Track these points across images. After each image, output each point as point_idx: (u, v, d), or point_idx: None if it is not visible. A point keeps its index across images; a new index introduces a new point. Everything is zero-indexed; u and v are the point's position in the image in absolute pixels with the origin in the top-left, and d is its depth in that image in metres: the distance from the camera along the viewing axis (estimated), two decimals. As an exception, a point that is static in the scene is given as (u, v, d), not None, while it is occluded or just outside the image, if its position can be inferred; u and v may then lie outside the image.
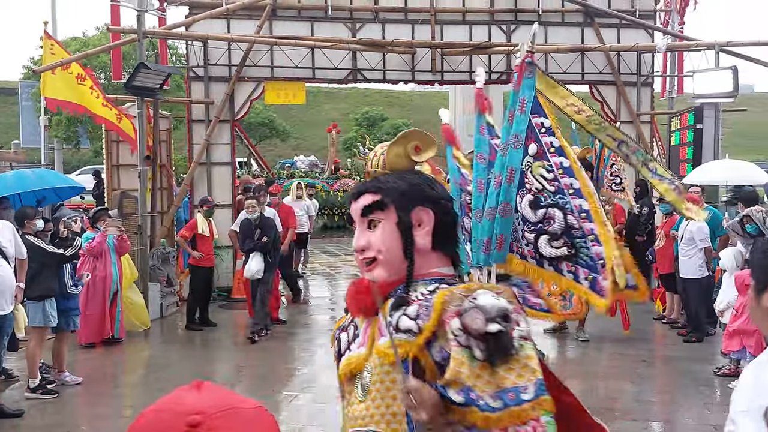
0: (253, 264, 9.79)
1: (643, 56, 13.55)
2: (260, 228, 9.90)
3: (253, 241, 9.85)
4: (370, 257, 2.10)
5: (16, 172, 10.13)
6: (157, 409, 1.16)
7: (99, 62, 24.28)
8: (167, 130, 12.98)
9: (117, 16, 12.20)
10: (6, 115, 43.06)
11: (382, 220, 2.10)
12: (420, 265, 2.08)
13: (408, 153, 2.19)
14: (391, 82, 14.02)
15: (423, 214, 2.09)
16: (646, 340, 10.00)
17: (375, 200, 2.11)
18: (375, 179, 2.17)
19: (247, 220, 10.03)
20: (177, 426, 1.09)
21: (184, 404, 1.14)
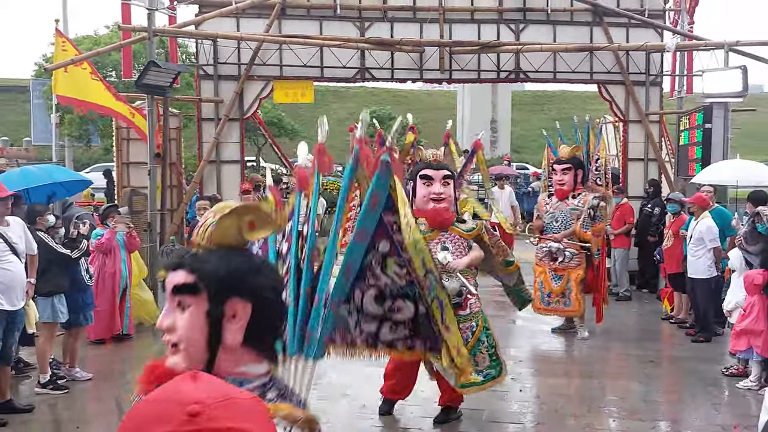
0: None
1: (652, 55, 13.53)
2: None
3: None
4: (173, 341, 1.82)
5: (21, 169, 10.20)
6: (155, 399, 1.18)
7: (110, 60, 24.37)
8: (177, 128, 13.04)
9: (128, 15, 12.26)
10: (17, 112, 43.23)
11: (191, 304, 1.80)
12: (225, 361, 1.79)
13: (240, 228, 1.89)
14: (399, 81, 14.05)
15: (239, 307, 1.80)
16: (654, 340, 10.00)
17: (188, 282, 1.81)
18: (195, 256, 1.85)
19: None
20: (176, 415, 1.10)
21: (181, 393, 1.15)
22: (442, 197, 6.26)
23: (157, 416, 1.12)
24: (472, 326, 6.43)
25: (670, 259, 10.46)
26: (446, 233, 6.33)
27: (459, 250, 6.32)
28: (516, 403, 7.23)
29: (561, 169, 9.65)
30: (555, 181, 9.77)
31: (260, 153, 35.44)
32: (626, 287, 12.48)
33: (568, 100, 50.65)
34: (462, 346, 2.39)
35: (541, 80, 14.27)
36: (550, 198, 9.87)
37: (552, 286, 9.68)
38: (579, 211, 9.50)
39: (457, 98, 44.17)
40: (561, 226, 9.58)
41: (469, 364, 2.45)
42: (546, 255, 9.71)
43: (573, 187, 9.65)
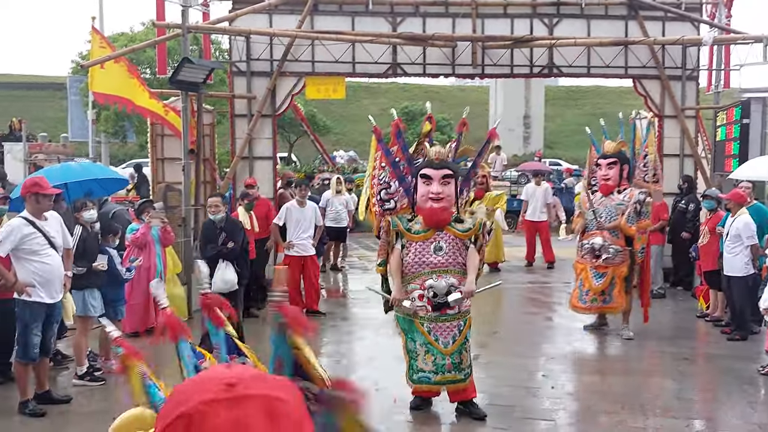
0: (227, 274, 8.58)
1: (689, 49, 13.34)
2: (225, 231, 8.66)
3: (216, 246, 8.61)
4: None
5: (62, 165, 10.37)
6: (196, 377, 1.30)
7: (145, 57, 24.64)
8: (211, 124, 13.16)
9: (162, 12, 12.38)
10: (54, 109, 43.89)
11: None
12: None
13: None
14: (431, 76, 14.02)
15: None
16: (689, 338, 9.88)
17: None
18: None
19: (210, 222, 8.84)
20: (215, 386, 1.20)
21: (219, 372, 1.26)
22: (441, 197, 6.34)
23: (198, 389, 1.21)
24: (459, 325, 6.49)
25: (706, 256, 10.32)
26: (441, 233, 6.42)
27: (453, 249, 6.41)
28: (548, 400, 7.20)
29: (606, 164, 9.46)
30: (600, 176, 9.57)
31: (292, 149, 35.60)
32: (660, 284, 12.33)
33: (602, 95, 50.12)
34: None
35: (575, 75, 14.15)
36: (594, 194, 9.67)
37: (593, 284, 9.43)
38: (625, 206, 9.29)
39: (489, 93, 43.93)
40: (605, 222, 9.38)
41: None
42: (588, 252, 9.47)
43: (618, 183, 9.46)
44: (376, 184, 7.05)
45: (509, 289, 13.39)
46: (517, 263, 15.89)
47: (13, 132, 23.46)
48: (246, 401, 1.19)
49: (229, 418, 1.17)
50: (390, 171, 6.92)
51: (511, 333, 10.03)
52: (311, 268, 10.85)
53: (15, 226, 6.66)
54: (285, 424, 1.20)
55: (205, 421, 1.17)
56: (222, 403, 1.18)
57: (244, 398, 1.19)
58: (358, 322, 10.56)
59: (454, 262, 6.42)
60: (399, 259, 6.54)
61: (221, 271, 8.48)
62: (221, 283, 8.39)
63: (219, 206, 8.80)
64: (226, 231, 8.64)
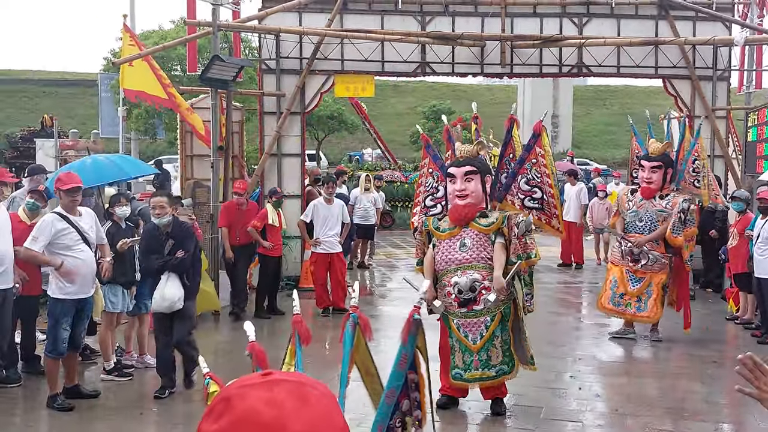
0: (167, 290, 7.01)
1: (720, 50, 13.19)
2: (173, 238, 7.15)
3: (162, 257, 7.09)
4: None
5: (92, 159, 10.46)
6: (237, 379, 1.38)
7: (176, 55, 24.87)
8: (239, 121, 13.26)
9: (193, 10, 12.50)
10: (85, 106, 44.44)
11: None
12: None
13: None
14: (460, 76, 14.00)
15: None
16: (718, 341, 9.79)
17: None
18: None
19: (154, 227, 7.23)
20: (254, 376, 1.31)
21: (255, 373, 1.36)
22: (465, 193, 6.45)
23: (240, 380, 1.32)
24: (486, 321, 6.45)
25: (736, 258, 10.21)
26: (467, 229, 6.48)
27: (477, 245, 6.45)
28: (575, 401, 7.17)
29: (650, 167, 9.13)
30: (642, 178, 9.27)
31: (320, 146, 35.70)
32: (690, 286, 12.21)
33: (632, 95, 49.74)
34: None
35: (604, 75, 14.06)
36: (634, 195, 9.37)
37: (628, 288, 9.21)
38: (667, 213, 9.00)
39: (517, 93, 43.78)
40: (645, 226, 9.13)
41: None
42: (628, 254, 9.24)
43: (661, 187, 9.18)
44: (422, 191, 7.15)
45: (538, 289, 13.30)
46: (546, 263, 15.82)
47: (45, 128, 23.81)
48: (279, 384, 1.29)
49: (261, 396, 1.27)
50: (439, 175, 7.02)
51: (538, 333, 9.96)
52: (338, 266, 10.88)
53: (48, 221, 6.77)
54: (315, 407, 1.28)
55: (241, 400, 1.27)
56: (256, 386, 1.29)
57: (278, 382, 1.29)
58: (385, 320, 10.58)
59: (478, 257, 6.44)
60: (431, 259, 6.62)
61: (163, 285, 7.02)
62: (161, 300, 7.01)
63: (165, 207, 7.13)
64: (174, 237, 7.14)
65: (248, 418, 1.26)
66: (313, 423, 1.27)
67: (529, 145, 7.03)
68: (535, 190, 6.97)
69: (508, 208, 6.86)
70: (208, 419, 1.30)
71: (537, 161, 6.91)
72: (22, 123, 35.01)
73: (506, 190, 6.99)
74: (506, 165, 7.14)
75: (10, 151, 27.00)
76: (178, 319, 7.12)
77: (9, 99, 46.51)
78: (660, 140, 9.88)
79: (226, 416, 1.27)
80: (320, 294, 10.89)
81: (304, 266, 12.33)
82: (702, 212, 12.19)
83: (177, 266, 7.05)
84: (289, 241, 12.00)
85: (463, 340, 6.46)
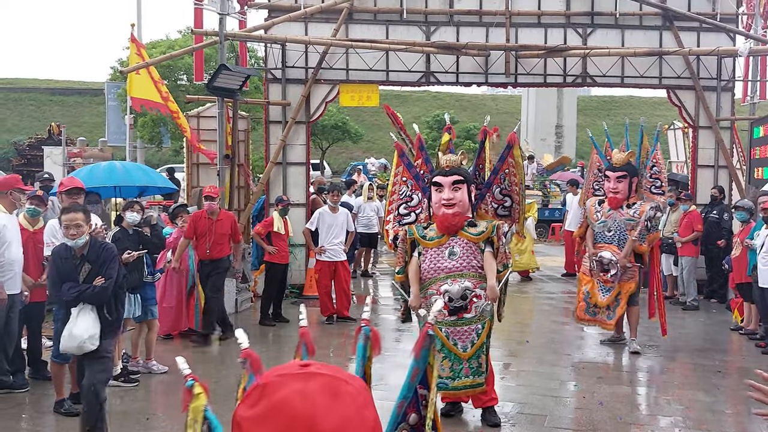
0: (78, 326, 5.76)
1: (724, 60, 13.25)
2: (90, 262, 5.86)
3: (77, 285, 5.82)
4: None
5: (108, 164, 10.58)
6: (276, 366, 1.44)
7: (183, 63, 25.00)
8: (245, 130, 13.32)
9: (200, 19, 12.58)
10: (91, 114, 44.69)
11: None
12: None
13: None
14: (464, 85, 14.06)
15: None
16: (722, 351, 9.79)
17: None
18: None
19: (65, 249, 5.91)
20: (292, 366, 1.37)
21: (295, 361, 1.44)
22: (452, 202, 6.47)
23: (277, 369, 1.39)
24: (477, 329, 6.49)
25: (739, 268, 10.22)
26: (455, 237, 6.51)
27: (467, 253, 6.49)
28: (578, 410, 7.19)
29: (615, 177, 9.21)
30: (608, 189, 9.31)
31: (324, 156, 35.78)
32: (694, 296, 12.24)
33: (636, 105, 49.79)
34: None
35: (608, 85, 14.11)
36: (601, 205, 9.43)
37: (599, 298, 9.29)
38: (635, 222, 9.08)
39: (521, 102, 43.84)
40: (614, 236, 9.20)
41: None
42: (597, 265, 9.30)
43: (627, 196, 9.25)
44: (395, 199, 7.15)
45: (541, 298, 13.38)
46: (549, 272, 15.85)
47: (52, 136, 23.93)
48: (314, 377, 1.34)
49: (296, 388, 1.31)
50: (413, 183, 7.03)
51: (542, 342, 10.02)
52: (342, 274, 10.92)
53: (57, 227, 6.83)
54: (346, 403, 1.32)
55: (276, 389, 1.32)
56: (293, 377, 1.34)
57: (313, 375, 1.34)
58: (388, 328, 10.60)
59: (468, 265, 6.48)
60: (416, 267, 6.62)
61: (73, 320, 5.79)
62: (68, 338, 5.76)
63: (81, 226, 5.79)
64: (91, 262, 5.86)
65: (281, 408, 1.30)
66: (344, 419, 1.31)
67: (503, 156, 7.07)
68: (506, 198, 7.07)
69: (481, 217, 6.91)
70: (245, 404, 1.35)
71: (509, 171, 6.97)
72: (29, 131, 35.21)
73: (480, 199, 7.04)
74: (477, 176, 7.18)
75: (18, 159, 27.12)
76: (91, 362, 5.85)
77: (17, 107, 46.78)
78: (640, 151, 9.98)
79: (261, 403, 1.32)
80: (324, 302, 10.93)
81: (309, 274, 12.38)
82: (706, 222, 12.23)
83: (94, 296, 5.79)
84: (293, 249, 12.04)
85: (452, 348, 6.46)
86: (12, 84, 50.30)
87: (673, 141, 19.35)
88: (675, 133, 18.91)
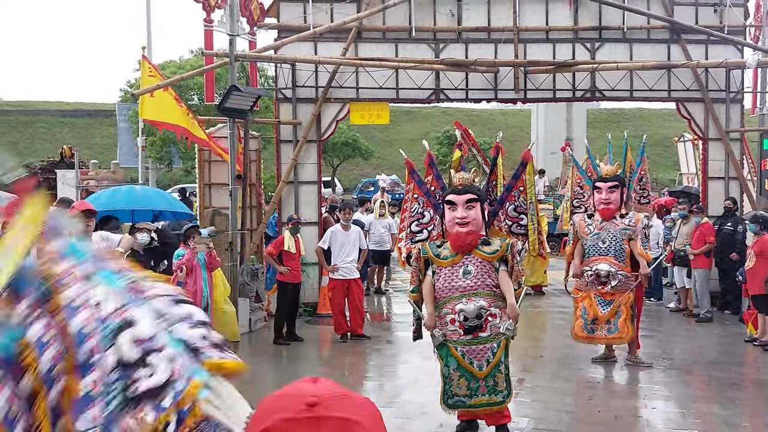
0: None
1: (733, 72, 13.27)
2: None
3: None
4: None
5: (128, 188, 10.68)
6: (279, 394, 1.34)
7: (194, 84, 25.19)
8: (257, 150, 13.41)
9: (210, 41, 12.71)
10: (102, 135, 44.99)
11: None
12: None
13: None
14: (473, 102, 14.12)
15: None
16: (737, 363, 9.75)
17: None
18: None
19: None
20: (296, 405, 1.26)
21: (302, 390, 1.31)
22: (466, 221, 6.44)
23: (280, 407, 1.28)
24: (493, 347, 6.44)
25: (754, 279, 10.20)
26: (470, 256, 6.49)
27: (482, 272, 6.46)
28: (594, 425, 7.18)
29: (607, 188, 9.13)
30: (599, 200, 9.20)
31: (335, 173, 35.90)
32: (707, 308, 12.20)
33: (645, 118, 49.73)
34: None
35: (617, 99, 14.17)
36: (591, 218, 9.34)
37: (599, 313, 9.12)
38: (631, 232, 9.00)
39: (531, 117, 43.86)
40: (609, 247, 9.07)
41: None
42: (593, 279, 9.14)
43: (619, 207, 9.21)
44: (407, 217, 7.18)
45: (554, 313, 13.36)
46: (562, 287, 15.81)
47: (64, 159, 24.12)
48: (324, 422, 1.24)
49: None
50: (424, 201, 7.07)
51: (556, 357, 10.00)
52: (356, 292, 10.95)
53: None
54: None
55: None
56: (302, 422, 1.24)
57: (323, 419, 1.24)
58: (402, 346, 10.62)
59: (482, 284, 6.46)
60: (431, 286, 6.60)
61: None
62: None
63: None
64: None
65: None
66: None
67: (517, 173, 7.09)
68: (522, 216, 7.07)
69: (494, 234, 6.92)
70: None
71: (524, 189, 6.99)
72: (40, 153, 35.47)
73: (494, 216, 7.05)
74: (490, 192, 7.20)
75: (30, 182, 27.29)
76: None
77: (27, 130, 47.15)
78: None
79: None
80: (338, 320, 10.96)
81: (322, 292, 12.41)
82: (720, 234, 12.20)
83: None
84: (306, 267, 12.08)
85: (468, 367, 6.44)
86: (23, 107, 50.72)
87: (683, 153, 19.35)
88: (685, 145, 18.91)
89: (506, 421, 6.69)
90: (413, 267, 6.81)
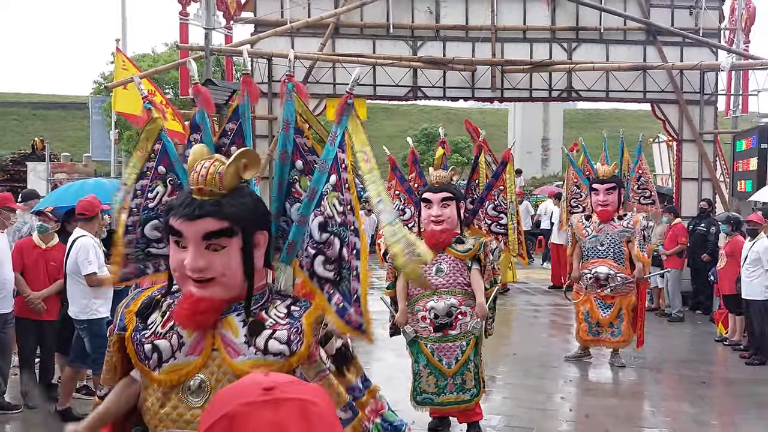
0: None
1: (707, 74, 13.40)
2: None
3: None
4: (208, 277, 2.32)
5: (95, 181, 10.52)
6: (233, 385, 1.39)
7: (169, 78, 24.96)
8: (231, 144, 13.32)
9: (185, 34, 12.61)
10: (75, 128, 44.46)
11: (226, 246, 2.33)
12: (256, 282, 2.42)
13: (239, 171, 2.40)
14: (451, 100, 14.13)
15: (261, 238, 2.43)
16: (707, 362, 9.85)
17: (223, 227, 2.31)
18: (216, 203, 2.32)
19: None
20: (254, 391, 1.30)
21: (257, 378, 1.36)
22: (441, 219, 6.41)
23: (237, 393, 1.31)
24: (462, 345, 6.45)
25: (725, 279, 10.30)
26: (443, 254, 6.47)
27: (454, 270, 6.46)
28: (565, 423, 7.22)
29: (605, 189, 9.02)
30: (596, 202, 9.10)
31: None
32: (679, 308, 12.30)
33: (621, 119, 50.06)
34: (365, 296, 2.46)
35: (593, 99, 14.25)
36: (589, 220, 9.23)
37: (600, 316, 9.06)
38: (630, 233, 8.95)
39: (508, 116, 44.06)
40: (608, 249, 9.01)
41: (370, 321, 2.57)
42: (593, 281, 9.08)
43: (617, 208, 9.15)
44: None
45: (528, 311, 13.41)
46: (537, 285, 15.90)
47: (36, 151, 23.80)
48: (283, 404, 1.28)
49: (267, 419, 1.26)
50: (406, 197, 7.05)
51: (530, 355, 10.03)
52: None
53: (90, 244, 6.81)
54: (318, 426, 1.29)
55: (245, 421, 1.26)
56: (261, 405, 1.27)
57: (281, 401, 1.28)
58: (376, 343, 10.57)
59: (454, 282, 6.47)
60: (404, 283, 6.61)
61: None
62: None
63: None
64: None
65: None
66: None
67: (497, 172, 7.09)
68: (502, 216, 7.07)
69: (474, 233, 6.91)
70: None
71: (504, 188, 6.99)
72: (11, 146, 35.02)
73: (473, 215, 7.05)
74: (472, 191, 7.19)
75: (1, 174, 26.95)
76: None
77: (-1, 121, 46.50)
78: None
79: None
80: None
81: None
82: (693, 234, 12.32)
83: None
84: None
85: (437, 364, 6.46)
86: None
87: (657, 154, 19.51)
88: (660, 146, 19.07)
89: (478, 419, 6.70)
90: (388, 263, 6.80)
